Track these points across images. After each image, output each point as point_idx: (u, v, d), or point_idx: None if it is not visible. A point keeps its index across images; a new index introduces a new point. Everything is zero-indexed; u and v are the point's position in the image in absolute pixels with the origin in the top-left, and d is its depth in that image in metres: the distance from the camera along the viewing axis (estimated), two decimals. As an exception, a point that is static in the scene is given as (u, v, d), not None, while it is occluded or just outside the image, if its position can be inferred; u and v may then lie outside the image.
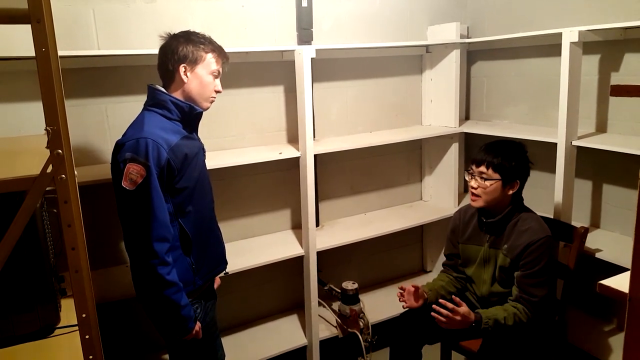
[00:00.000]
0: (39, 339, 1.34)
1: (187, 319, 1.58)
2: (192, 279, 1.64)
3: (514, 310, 1.86)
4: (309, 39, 2.46)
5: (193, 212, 1.62)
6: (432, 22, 2.86)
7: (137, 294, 1.66)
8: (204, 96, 1.64)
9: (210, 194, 1.76)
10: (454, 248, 2.15)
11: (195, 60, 1.59)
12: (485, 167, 1.92)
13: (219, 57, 1.66)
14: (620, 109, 2.31)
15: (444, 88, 2.81)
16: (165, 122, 1.57)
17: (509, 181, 1.92)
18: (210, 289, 1.82)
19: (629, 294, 0.87)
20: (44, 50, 1.00)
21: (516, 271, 1.91)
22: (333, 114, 2.69)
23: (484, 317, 1.85)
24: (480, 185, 1.93)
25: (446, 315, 1.82)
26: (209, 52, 1.62)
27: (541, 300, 1.87)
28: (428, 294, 2.03)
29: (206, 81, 1.63)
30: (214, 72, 1.64)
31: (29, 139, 1.66)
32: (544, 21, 2.54)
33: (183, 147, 1.56)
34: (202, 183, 1.68)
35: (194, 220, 1.63)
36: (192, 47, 1.59)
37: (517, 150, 1.95)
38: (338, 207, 2.81)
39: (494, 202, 1.93)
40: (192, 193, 1.61)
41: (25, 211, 1.07)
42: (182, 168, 1.56)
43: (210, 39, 1.65)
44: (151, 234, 1.47)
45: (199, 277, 1.67)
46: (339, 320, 2.56)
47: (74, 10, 2.01)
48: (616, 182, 2.37)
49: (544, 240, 1.87)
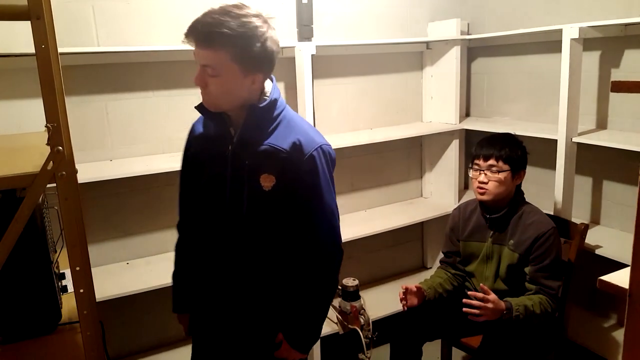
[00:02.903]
0: (40, 336, 1.34)
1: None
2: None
3: (539, 299, 1.84)
4: (309, 36, 2.45)
5: None
6: (433, 18, 2.86)
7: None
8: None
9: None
10: (453, 246, 2.15)
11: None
12: (495, 160, 1.92)
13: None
14: (620, 105, 2.31)
15: (445, 85, 2.81)
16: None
17: (517, 171, 1.94)
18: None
19: (629, 289, 0.87)
20: (43, 47, 1.01)
21: (526, 267, 1.91)
22: (333, 110, 2.68)
23: (514, 304, 1.79)
24: (491, 179, 1.92)
25: (478, 305, 1.74)
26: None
27: (558, 292, 1.87)
28: (427, 291, 2.03)
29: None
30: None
31: (30, 136, 1.65)
32: (544, 17, 2.53)
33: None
34: None
35: None
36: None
37: (516, 141, 1.98)
38: (338, 204, 2.80)
39: (503, 194, 1.94)
40: None
41: (26, 208, 1.07)
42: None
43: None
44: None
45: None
46: (340, 317, 2.56)
47: (73, 7, 2.00)
48: (616, 178, 2.37)
49: (551, 232, 1.88)
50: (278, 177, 1.34)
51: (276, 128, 1.36)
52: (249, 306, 1.46)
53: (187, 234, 1.57)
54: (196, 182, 1.47)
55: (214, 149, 1.40)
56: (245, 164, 1.35)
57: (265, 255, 1.42)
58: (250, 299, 1.45)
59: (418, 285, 2.01)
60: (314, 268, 1.43)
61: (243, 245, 1.40)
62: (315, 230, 1.41)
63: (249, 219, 1.37)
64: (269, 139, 1.35)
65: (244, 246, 1.40)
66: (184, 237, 1.59)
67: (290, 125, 1.38)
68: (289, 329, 1.47)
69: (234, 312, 1.47)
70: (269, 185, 1.34)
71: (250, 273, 1.43)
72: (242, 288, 1.44)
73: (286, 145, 1.34)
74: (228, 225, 1.40)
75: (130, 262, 2.25)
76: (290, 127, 1.37)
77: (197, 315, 1.59)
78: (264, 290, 1.45)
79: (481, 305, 1.74)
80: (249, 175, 1.35)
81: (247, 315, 1.47)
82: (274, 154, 1.34)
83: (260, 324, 1.48)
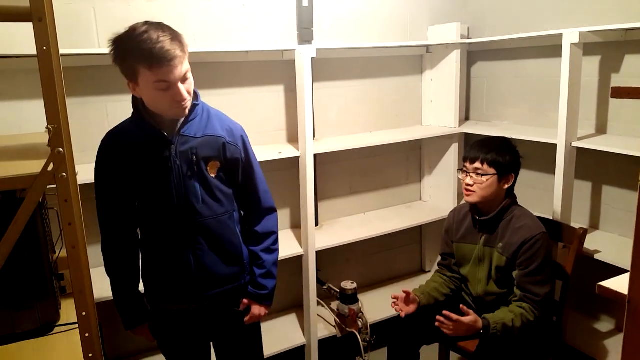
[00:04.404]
0: (39, 337, 1.34)
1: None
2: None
3: (520, 311, 1.85)
4: (309, 39, 2.46)
5: None
6: (433, 22, 2.86)
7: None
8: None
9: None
10: (447, 247, 2.16)
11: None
12: (480, 163, 1.93)
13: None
14: (620, 110, 2.31)
15: (444, 88, 2.81)
16: None
17: (504, 175, 1.93)
18: None
19: (628, 295, 0.87)
20: (45, 49, 1.01)
21: (514, 270, 1.91)
22: (333, 113, 2.69)
23: (492, 322, 1.82)
24: (476, 182, 1.93)
25: (450, 325, 1.80)
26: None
27: (545, 299, 1.86)
28: (420, 297, 2.04)
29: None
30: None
31: (30, 137, 1.66)
32: (544, 22, 2.54)
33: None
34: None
35: None
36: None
37: (508, 145, 1.98)
38: (337, 207, 2.81)
39: (490, 197, 1.94)
40: None
41: (26, 209, 1.07)
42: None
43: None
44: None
45: None
46: (338, 320, 2.56)
47: (75, 9, 2.01)
48: (616, 183, 2.37)
49: (539, 237, 1.87)
50: (222, 161, 1.52)
51: (207, 120, 1.51)
52: (219, 281, 1.59)
53: (125, 248, 1.59)
54: (129, 195, 1.51)
55: (151, 154, 1.45)
56: (191, 158, 1.46)
57: (222, 228, 1.55)
58: (220, 275, 1.58)
59: (406, 290, 2.02)
60: (263, 226, 1.66)
61: (203, 229, 1.51)
62: (258, 196, 1.65)
63: (204, 208, 1.50)
64: (202, 130, 1.48)
65: (204, 230, 1.51)
66: (122, 252, 1.59)
67: (212, 115, 1.54)
68: (253, 287, 1.65)
69: (208, 294, 1.58)
70: (214, 172, 1.51)
71: (214, 250, 1.55)
72: (210, 268, 1.55)
73: (221, 132, 1.51)
74: (185, 221, 1.49)
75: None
76: (214, 116, 1.54)
77: (164, 317, 1.65)
78: (229, 261, 1.59)
79: (453, 325, 1.80)
80: (197, 167, 1.47)
81: (219, 292, 1.60)
82: (212, 142, 1.49)
83: (232, 296, 1.64)
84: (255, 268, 1.65)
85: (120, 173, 1.48)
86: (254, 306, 1.66)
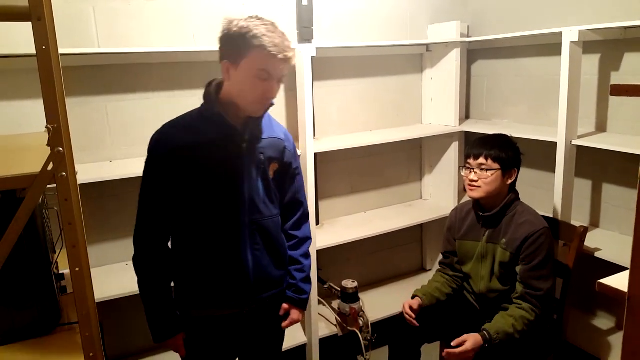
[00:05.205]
0: (40, 337, 1.34)
1: None
2: None
3: (520, 313, 1.85)
4: (309, 38, 2.46)
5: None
6: (433, 21, 2.86)
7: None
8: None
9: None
10: (450, 245, 2.16)
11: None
12: (484, 159, 1.94)
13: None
14: (620, 108, 2.31)
15: (444, 87, 2.81)
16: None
17: (507, 170, 1.95)
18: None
19: (628, 293, 0.87)
20: (44, 48, 1.01)
21: (517, 265, 1.91)
22: (333, 112, 2.69)
23: (493, 332, 1.82)
24: (480, 177, 1.94)
25: (458, 355, 1.80)
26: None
27: (547, 294, 1.86)
28: (422, 298, 2.04)
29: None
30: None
31: (30, 137, 1.66)
32: (544, 20, 2.54)
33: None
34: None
35: None
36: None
37: (509, 141, 2.00)
38: (338, 206, 2.81)
39: (494, 192, 1.95)
40: None
41: (26, 209, 1.07)
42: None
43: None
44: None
45: None
46: (339, 319, 2.56)
47: (74, 8, 2.01)
48: (616, 181, 2.37)
49: (542, 232, 1.88)
50: (280, 164, 1.54)
51: (269, 122, 1.54)
52: (272, 283, 1.57)
53: (163, 256, 1.50)
54: (182, 197, 1.44)
55: (221, 150, 1.42)
56: (259, 157, 1.47)
57: (277, 230, 1.56)
58: (272, 277, 1.56)
59: (416, 300, 2.02)
60: (303, 232, 1.66)
61: (261, 229, 1.50)
62: (300, 201, 1.66)
63: (265, 208, 1.50)
64: (267, 131, 1.51)
65: (262, 230, 1.50)
66: (162, 260, 1.50)
67: (270, 117, 1.56)
68: (294, 292, 1.62)
69: (263, 296, 1.55)
70: (272, 173, 1.52)
71: (268, 252, 1.53)
72: (266, 269, 1.53)
73: (281, 135, 1.55)
74: (248, 219, 1.47)
75: (130, 263, 2.23)
76: (272, 119, 1.57)
77: (202, 325, 1.55)
78: (278, 263, 1.57)
79: (461, 355, 1.79)
80: (263, 166, 1.48)
81: (271, 295, 1.57)
82: (276, 144, 1.52)
83: (278, 300, 1.61)
84: (295, 272, 1.61)
85: (178, 173, 1.41)
86: (293, 310, 1.62)
